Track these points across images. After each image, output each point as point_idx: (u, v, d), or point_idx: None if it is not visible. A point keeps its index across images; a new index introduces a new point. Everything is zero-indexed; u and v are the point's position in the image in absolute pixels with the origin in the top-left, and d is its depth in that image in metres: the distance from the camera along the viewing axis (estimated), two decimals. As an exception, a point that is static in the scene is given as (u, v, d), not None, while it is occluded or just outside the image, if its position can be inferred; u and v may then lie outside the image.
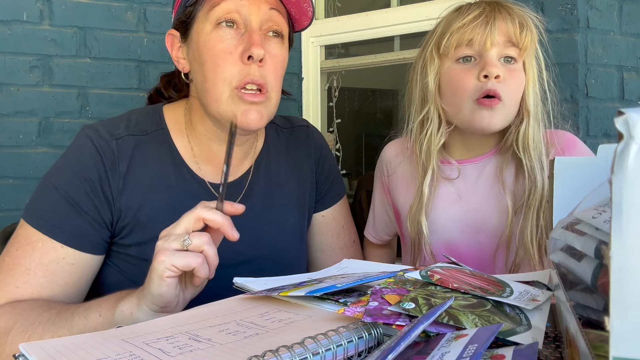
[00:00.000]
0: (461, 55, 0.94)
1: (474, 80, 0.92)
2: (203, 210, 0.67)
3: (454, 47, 0.94)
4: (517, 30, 0.92)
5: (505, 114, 0.93)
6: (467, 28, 0.92)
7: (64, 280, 0.80)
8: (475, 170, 1.00)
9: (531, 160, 0.94)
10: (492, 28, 0.91)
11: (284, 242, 0.97)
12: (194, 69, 0.87)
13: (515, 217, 0.95)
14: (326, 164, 1.08)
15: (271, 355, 0.41)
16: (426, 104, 0.99)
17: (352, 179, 2.78)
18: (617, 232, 0.29)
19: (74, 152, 0.86)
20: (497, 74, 0.90)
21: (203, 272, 0.65)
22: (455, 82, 0.94)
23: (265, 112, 0.85)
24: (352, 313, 0.51)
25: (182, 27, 0.88)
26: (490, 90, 0.90)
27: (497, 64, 0.91)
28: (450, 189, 1.01)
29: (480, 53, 0.93)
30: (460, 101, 0.93)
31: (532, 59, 0.95)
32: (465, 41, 0.93)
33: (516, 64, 0.94)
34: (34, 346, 0.47)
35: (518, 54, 0.93)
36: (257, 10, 0.83)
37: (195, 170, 0.91)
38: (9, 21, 1.58)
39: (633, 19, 1.50)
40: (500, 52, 0.92)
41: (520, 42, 0.92)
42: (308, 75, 1.94)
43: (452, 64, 0.95)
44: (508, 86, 0.91)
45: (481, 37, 0.91)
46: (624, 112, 0.29)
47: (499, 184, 0.97)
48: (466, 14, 0.94)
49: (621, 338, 0.28)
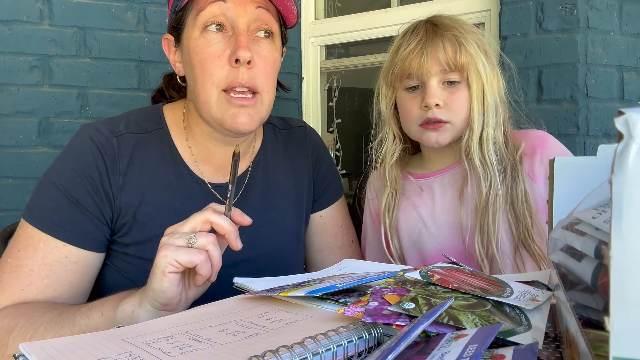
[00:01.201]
0: (407, 85, 1.01)
1: (417, 109, 0.99)
2: (212, 214, 0.67)
3: (399, 79, 1.02)
4: (452, 54, 0.96)
5: (452, 130, 0.99)
6: (405, 61, 0.99)
7: (67, 279, 0.80)
8: (435, 183, 1.06)
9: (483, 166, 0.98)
10: (427, 59, 0.97)
11: (281, 242, 0.97)
12: (187, 73, 0.88)
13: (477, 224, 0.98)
14: (323, 164, 1.08)
15: (271, 355, 0.41)
16: (382, 128, 1.08)
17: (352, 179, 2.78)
18: (617, 232, 0.29)
19: (73, 150, 0.86)
20: (437, 103, 0.97)
21: (205, 270, 0.65)
22: (403, 109, 1.03)
23: (256, 115, 0.85)
24: (352, 313, 0.51)
25: (175, 32, 0.89)
26: (430, 119, 0.98)
27: (436, 94, 0.97)
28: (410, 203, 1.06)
29: (422, 82, 0.99)
30: (409, 125, 1.03)
31: (475, 73, 0.97)
32: (406, 74, 1.00)
33: (459, 84, 0.99)
34: (34, 346, 0.47)
35: (459, 75, 0.98)
36: (243, 11, 0.83)
37: (194, 169, 0.91)
38: (9, 21, 1.57)
39: (633, 19, 1.50)
40: (441, 79, 0.98)
41: (458, 64, 0.97)
42: (308, 75, 1.94)
43: (402, 92, 1.03)
44: (450, 109, 0.98)
45: (418, 69, 0.97)
46: (624, 112, 0.29)
47: (457, 196, 1.02)
48: (407, 44, 1.00)
49: (621, 338, 0.28)
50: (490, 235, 0.96)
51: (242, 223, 0.71)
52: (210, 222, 0.67)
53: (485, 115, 0.98)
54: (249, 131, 0.85)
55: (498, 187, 0.97)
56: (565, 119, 1.47)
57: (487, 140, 0.98)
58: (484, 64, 0.98)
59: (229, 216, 0.70)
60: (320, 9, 1.97)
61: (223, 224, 0.67)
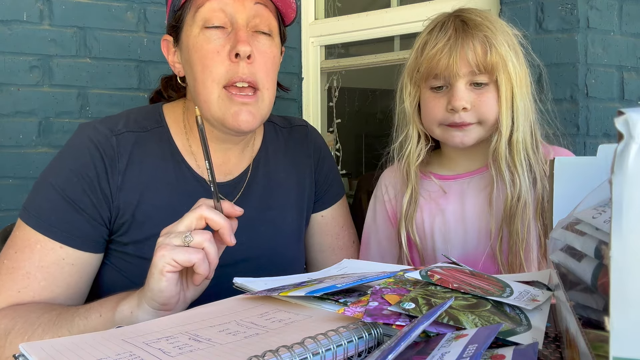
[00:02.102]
0: (432, 85, 0.97)
1: (442, 111, 0.96)
2: (206, 210, 0.67)
3: (424, 79, 0.97)
4: (482, 55, 0.92)
5: (479, 131, 0.96)
6: (433, 60, 0.94)
7: (64, 281, 0.80)
8: (462, 186, 1.02)
9: (511, 171, 0.94)
10: (455, 60, 0.92)
11: (282, 241, 0.97)
12: (187, 72, 0.87)
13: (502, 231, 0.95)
14: (325, 164, 1.08)
15: (271, 355, 0.41)
16: (406, 126, 1.04)
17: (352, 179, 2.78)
18: (617, 232, 0.28)
19: (71, 150, 0.86)
20: (464, 107, 0.93)
21: (203, 268, 0.65)
22: (427, 109, 0.99)
23: (258, 113, 0.85)
24: (352, 313, 0.51)
25: (174, 31, 0.89)
26: (456, 122, 0.94)
27: (464, 96, 0.93)
28: (435, 205, 1.03)
29: (449, 83, 0.95)
30: (432, 126, 0.99)
31: (505, 74, 0.94)
32: (433, 74, 0.95)
33: (488, 86, 0.95)
34: (33, 346, 0.47)
35: (488, 77, 0.94)
36: (241, 7, 0.83)
37: (195, 168, 0.91)
38: (9, 21, 1.57)
39: (633, 19, 1.50)
40: (469, 80, 0.94)
41: (487, 66, 0.92)
42: (308, 75, 1.94)
43: (426, 91, 0.99)
44: (478, 111, 0.94)
45: (446, 70, 0.93)
46: (624, 112, 0.29)
47: (485, 201, 0.98)
48: (434, 42, 0.95)
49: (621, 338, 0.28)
50: (518, 243, 0.93)
51: (233, 214, 0.71)
52: (204, 218, 0.67)
53: (515, 118, 0.94)
54: (250, 130, 0.85)
55: (527, 193, 0.93)
56: (565, 119, 1.47)
57: (517, 144, 0.94)
58: (514, 64, 0.94)
59: (220, 209, 0.69)
60: (320, 9, 1.97)
61: (217, 219, 0.67)
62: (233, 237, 0.69)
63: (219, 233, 0.68)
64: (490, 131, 0.96)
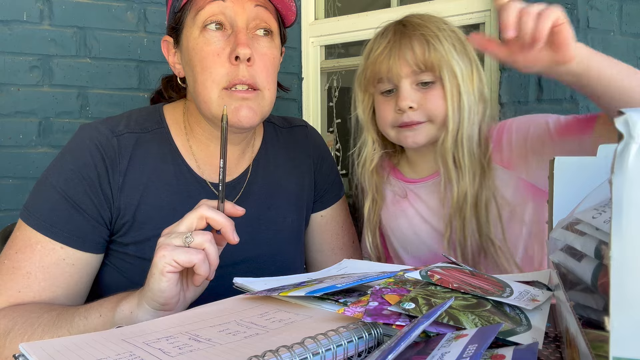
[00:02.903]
0: (381, 89, 0.99)
1: (392, 113, 0.97)
2: (206, 210, 0.67)
3: (372, 84, 0.99)
4: (421, 54, 0.93)
5: (429, 129, 0.96)
6: (375, 64, 0.96)
7: (65, 281, 0.80)
8: (421, 190, 1.04)
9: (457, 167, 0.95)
10: (395, 61, 0.94)
11: (281, 241, 0.97)
12: (187, 73, 0.88)
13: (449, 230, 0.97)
14: (325, 164, 1.08)
15: (271, 355, 0.41)
16: (362, 133, 1.06)
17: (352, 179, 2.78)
18: (617, 232, 0.29)
19: (72, 150, 0.86)
20: (410, 106, 0.94)
21: (203, 269, 0.65)
22: (379, 112, 1.01)
23: (258, 109, 0.85)
24: (352, 313, 0.51)
25: (174, 33, 0.89)
26: (405, 122, 0.96)
27: (409, 96, 0.94)
28: (399, 208, 1.05)
29: (395, 85, 0.96)
30: (386, 128, 1.00)
31: (449, 72, 0.94)
32: (377, 77, 0.97)
33: (434, 84, 0.95)
34: (34, 346, 0.47)
35: (432, 75, 0.94)
36: (241, 9, 0.83)
37: (195, 169, 0.91)
38: (9, 21, 1.57)
39: (633, 19, 1.50)
40: (413, 80, 0.95)
41: (428, 64, 0.93)
42: (308, 75, 1.94)
43: (378, 96, 1.01)
44: (426, 110, 0.95)
45: (388, 72, 0.95)
46: (624, 112, 0.29)
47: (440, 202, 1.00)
48: (377, 47, 0.97)
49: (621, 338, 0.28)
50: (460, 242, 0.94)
51: (235, 214, 0.71)
52: (205, 218, 0.67)
53: (461, 115, 0.94)
54: (251, 126, 0.85)
55: (467, 189, 0.94)
56: (565, 119, 1.47)
57: (462, 140, 0.94)
58: (458, 62, 0.94)
59: (223, 209, 0.69)
60: (320, 9, 1.97)
61: (218, 218, 0.67)
62: (236, 234, 0.69)
63: (222, 232, 0.68)
64: (442, 129, 0.96)
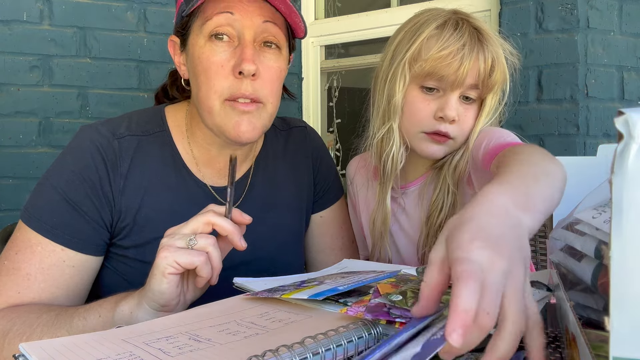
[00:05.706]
0: (428, 84, 0.90)
1: (429, 116, 0.90)
2: (214, 216, 0.67)
3: (424, 75, 0.89)
4: (487, 72, 0.88)
5: (451, 147, 0.92)
6: (442, 63, 0.87)
7: (65, 283, 0.80)
8: (409, 195, 1.02)
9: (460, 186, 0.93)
10: (466, 69, 0.86)
11: (281, 243, 0.97)
12: (191, 79, 0.87)
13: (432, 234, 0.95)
14: (323, 164, 1.08)
15: (271, 355, 0.41)
16: (388, 121, 0.94)
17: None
18: (617, 232, 0.28)
19: (73, 152, 0.85)
20: (454, 118, 0.88)
21: (205, 271, 0.65)
22: (413, 109, 0.92)
23: (259, 123, 0.84)
24: (355, 313, 0.51)
25: (181, 35, 0.88)
26: (441, 131, 0.89)
27: (456, 107, 0.89)
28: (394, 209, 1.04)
29: (444, 88, 0.89)
30: (413, 128, 0.92)
31: (495, 95, 0.91)
32: (437, 75, 0.88)
33: (474, 102, 0.91)
34: (33, 346, 0.47)
35: (478, 94, 0.90)
36: (250, 23, 0.82)
37: (196, 173, 0.90)
38: (9, 21, 1.57)
39: (633, 19, 1.50)
40: (463, 92, 0.90)
41: (488, 83, 0.89)
42: (308, 75, 1.94)
43: (415, 89, 0.91)
44: (460, 127, 0.90)
45: (452, 77, 0.87)
46: (624, 112, 0.29)
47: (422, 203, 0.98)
48: (446, 44, 0.88)
49: (621, 338, 0.28)
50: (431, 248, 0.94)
51: (242, 222, 0.71)
52: (212, 224, 0.67)
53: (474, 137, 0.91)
54: (250, 140, 0.85)
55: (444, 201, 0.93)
56: (565, 119, 1.47)
57: (467, 159, 0.91)
58: (503, 89, 0.92)
59: (230, 217, 0.69)
60: (320, 9, 1.98)
61: (225, 224, 0.67)
62: (243, 240, 0.69)
63: (229, 238, 0.68)
64: (454, 147, 0.93)
